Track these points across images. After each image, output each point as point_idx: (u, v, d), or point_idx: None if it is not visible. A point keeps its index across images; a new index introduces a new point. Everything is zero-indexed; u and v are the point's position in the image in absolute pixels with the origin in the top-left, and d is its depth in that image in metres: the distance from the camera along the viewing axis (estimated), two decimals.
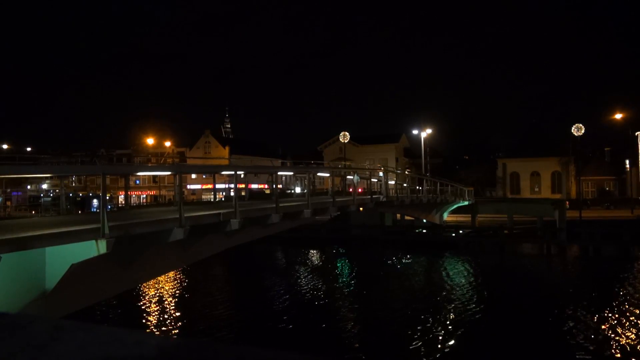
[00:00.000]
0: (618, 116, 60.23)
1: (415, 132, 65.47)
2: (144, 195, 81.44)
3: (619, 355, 16.19)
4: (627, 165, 65.38)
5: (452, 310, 22.08)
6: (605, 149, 73.20)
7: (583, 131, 51.82)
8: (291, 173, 29.15)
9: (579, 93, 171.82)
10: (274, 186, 16.90)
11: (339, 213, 20.52)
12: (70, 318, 9.35)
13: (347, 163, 64.32)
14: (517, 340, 17.68)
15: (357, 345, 17.72)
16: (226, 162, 66.08)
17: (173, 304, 24.26)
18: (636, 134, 64.97)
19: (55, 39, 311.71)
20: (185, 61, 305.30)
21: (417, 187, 34.82)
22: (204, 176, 68.84)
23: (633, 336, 17.87)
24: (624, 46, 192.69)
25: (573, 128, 51.98)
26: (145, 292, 26.24)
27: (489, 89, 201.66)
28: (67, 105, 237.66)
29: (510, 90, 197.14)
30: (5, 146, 61.62)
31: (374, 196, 23.49)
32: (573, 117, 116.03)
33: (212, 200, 28.36)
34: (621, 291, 25.49)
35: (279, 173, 20.57)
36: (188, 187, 75.02)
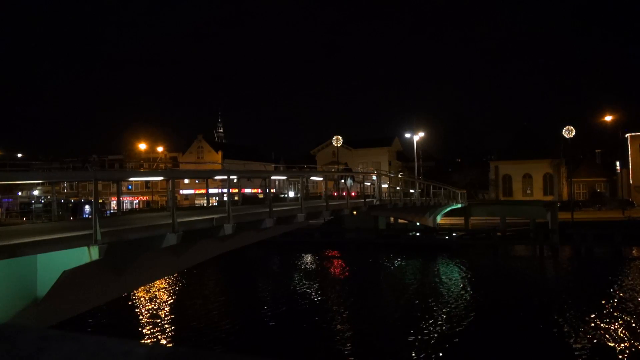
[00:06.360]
0: (608, 118, 60.81)
1: (407, 135, 65.66)
2: (137, 201, 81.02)
3: (612, 355, 16.27)
4: (618, 167, 65.94)
5: (446, 313, 22.10)
6: (596, 150, 73.80)
7: (574, 133, 52.18)
8: (284, 177, 29.14)
9: (570, 95, 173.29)
10: (267, 190, 16.86)
11: (332, 217, 20.51)
12: (62, 325, 9.26)
13: (342, 167, 64.35)
14: (511, 342, 17.73)
15: (352, 349, 17.68)
16: (219, 167, 65.96)
17: (166, 311, 24.10)
18: (626, 135, 65.58)
19: (46, 43, 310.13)
20: (177, 66, 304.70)
21: (410, 190, 34.89)
22: (197, 181, 68.59)
23: (626, 337, 17.96)
24: (616, 48, 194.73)
25: (564, 130, 52.33)
26: (138, 298, 26.06)
27: (481, 92, 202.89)
28: (58, 110, 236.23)
29: (502, 93, 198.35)
30: None
31: (367, 200, 23.50)
32: (564, 120, 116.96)
33: (205, 205, 28.26)
34: (613, 292, 25.64)
35: (272, 177, 20.54)
36: (181, 192, 74.73)
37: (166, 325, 21.18)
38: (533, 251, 39.78)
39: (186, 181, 74.94)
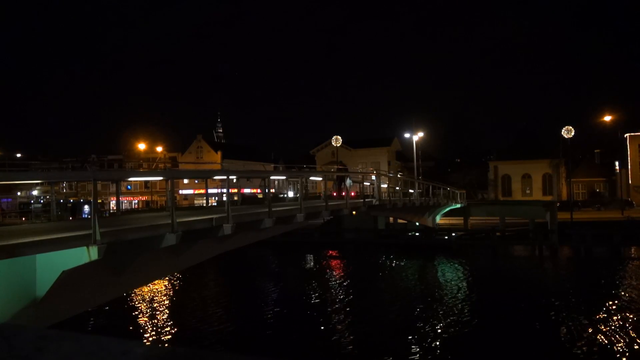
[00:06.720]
0: (607, 118, 60.83)
1: (407, 135, 65.65)
2: (136, 201, 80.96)
3: (612, 356, 16.27)
4: (617, 167, 65.95)
5: (445, 313, 22.11)
6: (595, 150, 73.81)
7: (573, 133, 52.18)
8: (284, 177, 29.14)
9: (570, 95, 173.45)
10: (267, 190, 16.86)
11: (331, 217, 20.50)
12: (62, 325, 9.25)
13: (340, 167, 64.34)
14: (510, 342, 17.73)
15: (351, 349, 17.68)
16: (218, 167, 65.93)
17: (165, 311, 24.09)
18: (625, 135, 65.67)
19: (46, 43, 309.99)
20: (177, 66, 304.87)
21: (410, 190, 34.90)
22: (196, 181, 68.58)
23: (626, 337, 17.96)
24: (616, 48, 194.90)
25: (563, 130, 52.33)
26: (137, 298, 26.04)
27: (481, 92, 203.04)
28: (58, 110, 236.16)
29: (502, 93, 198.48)
30: None
31: (366, 200, 23.49)
32: (563, 120, 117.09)
33: (204, 205, 28.27)
34: (613, 292, 25.67)
35: (272, 177, 20.54)
36: (180, 192, 74.70)
37: (165, 325, 21.17)
38: (532, 251, 39.78)
39: (185, 181, 74.90)
